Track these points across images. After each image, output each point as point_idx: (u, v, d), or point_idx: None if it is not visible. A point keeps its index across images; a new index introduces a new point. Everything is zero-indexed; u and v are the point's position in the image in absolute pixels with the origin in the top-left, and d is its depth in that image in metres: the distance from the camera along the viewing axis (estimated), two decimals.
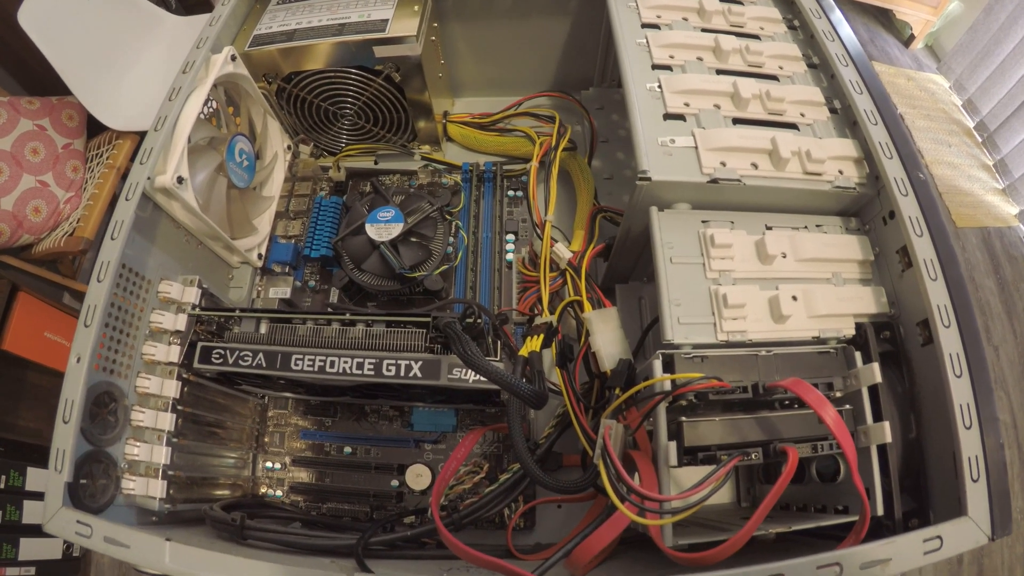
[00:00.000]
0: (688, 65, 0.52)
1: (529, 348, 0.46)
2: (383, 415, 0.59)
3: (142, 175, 0.49)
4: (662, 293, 0.42)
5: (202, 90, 0.53)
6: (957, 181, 1.81)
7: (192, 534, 0.48)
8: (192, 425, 0.51)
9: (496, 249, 0.63)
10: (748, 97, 0.49)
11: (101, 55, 1.18)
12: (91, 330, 0.44)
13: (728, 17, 0.56)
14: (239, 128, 0.63)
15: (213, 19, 0.59)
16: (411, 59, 0.59)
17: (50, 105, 1.18)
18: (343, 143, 0.70)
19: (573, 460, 0.54)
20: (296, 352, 0.46)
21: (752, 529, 0.34)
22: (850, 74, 0.51)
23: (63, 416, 0.43)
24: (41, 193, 1.13)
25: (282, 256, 0.64)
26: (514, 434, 0.40)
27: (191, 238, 0.56)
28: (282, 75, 0.62)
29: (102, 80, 1.17)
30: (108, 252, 0.46)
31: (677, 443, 0.37)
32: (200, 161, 0.55)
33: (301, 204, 0.69)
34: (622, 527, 0.37)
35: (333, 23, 0.59)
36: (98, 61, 1.17)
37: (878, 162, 0.45)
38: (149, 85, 1.22)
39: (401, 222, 0.57)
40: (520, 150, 0.68)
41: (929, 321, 0.40)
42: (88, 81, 1.13)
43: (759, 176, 0.46)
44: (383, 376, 0.44)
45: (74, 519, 0.39)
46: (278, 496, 0.59)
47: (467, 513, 0.46)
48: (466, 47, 0.71)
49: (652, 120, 0.48)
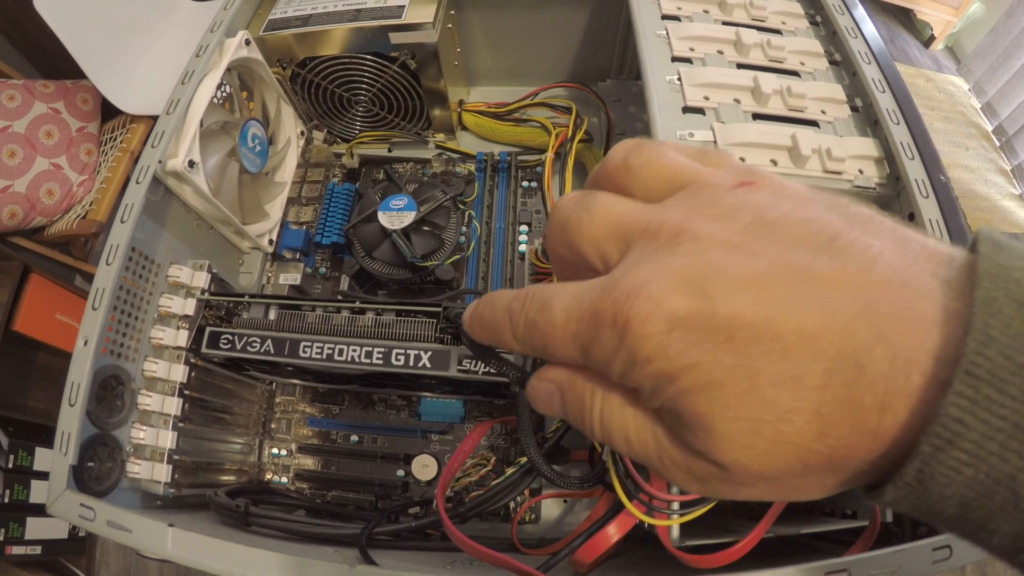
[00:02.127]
0: (708, 58, 0.51)
1: None
2: (391, 404, 0.59)
3: (153, 158, 0.49)
4: None
5: (215, 74, 0.53)
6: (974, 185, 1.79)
7: (196, 519, 0.48)
8: (199, 410, 0.51)
9: (509, 240, 0.63)
10: (769, 92, 0.48)
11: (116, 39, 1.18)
12: (99, 313, 0.44)
13: (750, 11, 0.55)
14: (252, 113, 0.63)
15: (228, 3, 0.58)
16: (427, 46, 0.58)
17: (64, 88, 1.19)
18: (357, 130, 0.69)
19: (581, 455, 0.53)
20: (305, 339, 0.45)
21: (761, 533, 0.33)
22: (872, 72, 0.50)
23: (69, 399, 0.42)
24: (54, 176, 1.13)
25: (293, 242, 0.63)
26: (523, 428, 0.39)
27: (202, 223, 0.56)
28: (296, 60, 0.62)
29: (116, 64, 1.17)
30: (118, 235, 0.46)
31: None
32: (212, 145, 0.54)
33: (313, 190, 0.69)
34: (629, 526, 0.37)
35: (349, 8, 0.58)
36: (113, 45, 1.17)
37: (899, 162, 0.44)
38: (163, 69, 1.22)
39: (414, 210, 0.56)
40: (536, 141, 0.68)
41: None
42: (102, 65, 1.13)
43: (778, 173, 0.45)
44: (392, 365, 0.43)
45: (78, 502, 0.39)
46: (283, 483, 0.59)
47: (472, 505, 0.46)
48: (483, 36, 0.71)
49: (671, 113, 0.47)
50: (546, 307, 0.18)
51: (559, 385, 0.20)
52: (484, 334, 0.22)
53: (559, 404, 0.20)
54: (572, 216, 0.20)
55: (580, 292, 0.18)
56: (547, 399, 0.20)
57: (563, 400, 0.20)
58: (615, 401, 0.18)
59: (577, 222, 0.19)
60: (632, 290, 0.16)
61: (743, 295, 0.15)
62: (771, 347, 0.15)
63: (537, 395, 0.21)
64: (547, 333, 0.18)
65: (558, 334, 0.18)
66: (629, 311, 0.16)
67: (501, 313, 0.20)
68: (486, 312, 0.21)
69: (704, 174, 0.19)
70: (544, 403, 0.20)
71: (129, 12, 1.21)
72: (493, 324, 0.21)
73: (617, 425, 0.18)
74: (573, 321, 0.17)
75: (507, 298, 0.20)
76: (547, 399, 0.20)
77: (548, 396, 0.20)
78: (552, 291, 0.19)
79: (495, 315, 0.20)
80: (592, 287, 0.17)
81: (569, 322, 0.18)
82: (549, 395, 0.20)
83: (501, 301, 0.20)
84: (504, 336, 0.20)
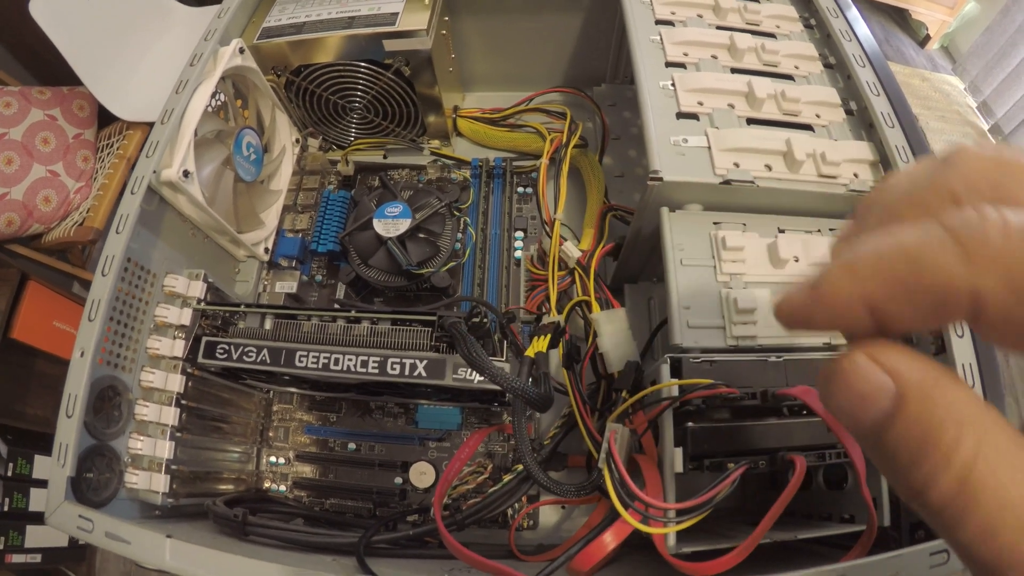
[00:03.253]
0: (702, 63, 0.51)
1: (536, 349, 0.45)
2: (388, 412, 0.59)
3: (148, 169, 0.49)
4: (671, 296, 0.42)
5: (209, 83, 0.53)
6: None
7: (195, 529, 0.48)
8: (196, 419, 0.51)
9: (505, 246, 0.63)
10: (763, 97, 0.48)
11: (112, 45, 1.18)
12: (95, 324, 0.44)
13: (744, 15, 0.55)
14: (247, 121, 0.63)
15: (222, 11, 0.58)
16: (421, 53, 0.58)
17: (61, 95, 1.19)
18: (352, 137, 0.70)
19: (578, 461, 0.53)
20: (300, 349, 0.46)
21: (757, 540, 0.33)
22: (867, 75, 0.50)
23: (66, 410, 0.43)
24: (51, 183, 1.13)
25: (289, 250, 0.63)
26: (519, 436, 0.39)
27: (197, 232, 0.56)
28: (291, 68, 0.62)
29: (113, 70, 1.17)
30: (113, 246, 0.46)
31: (683, 449, 0.37)
32: (207, 154, 0.54)
33: (309, 198, 0.69)
34: (626, 534, 0.37)
35: (343, 16, 0.58)
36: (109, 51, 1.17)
37: (894, 166, 0.45)
38: (160, 75, 1.22)
39: (409, 218, 0.56)
40: (531, 146, 0.68)
41: (942, 331, 0.39)
42: (99, 71, 1.13)
43: (773, 178, 0.45)
44: (387, 375, 0.43)
45: (76, 513, 0.40)
46: (282, 491, 0.59)
47: (470, 513, 0.46)
48: (477, 41, 0.71)
49: (665, 119, 0.47)
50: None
51: (907, 383, 0.13)
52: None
53: (880, 412, 0.13)
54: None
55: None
56: (866, 396, 0.13)
57: (899, 410, 0.13)
58: (1006, 444, 0.12)
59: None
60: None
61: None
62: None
63: (850, 383, 0.14)
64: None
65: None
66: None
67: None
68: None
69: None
70: (853, 399, 0.14)
71: (125, 18, 1.21)
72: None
73: (1003, 484, 0.12)
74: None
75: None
76: (866, 396, 0.13)
77: (872, 392, 0.13)
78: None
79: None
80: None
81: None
82: (874, 391, 0.13)
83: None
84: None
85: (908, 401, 0.13)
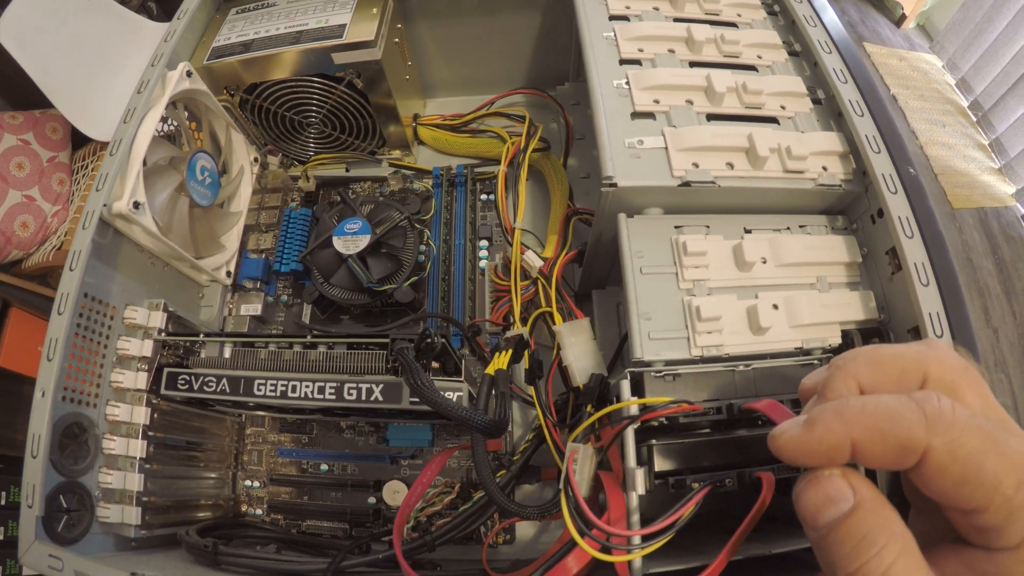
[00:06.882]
0: (659, 58, 0.49)
1: (496, 366, 0.44)
2: (359, 431, 0.58)
3: (98, 202, 0.48)
4: (631, 307, 0.40)
5: (157, 110, 0.51)
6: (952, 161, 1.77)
7: (168, 559, 0.48)
8: (166, 449, 0.51)
9: (469, 256, 0.61)
10: (723, 91, 0.46)
11: (82, 66, 1.16)
12: (54, 363, 0.43)
13: (703, 4, 0.53)
14: (201, 144, 0.61)
15: (168, 34, 0.56)
16: (372, 64, 0.57)
17: (33, 119, 1.17)
18: (311, 152, 0.68)
19: (552, 474, 0.52)
20: (259, 377, 0.45)
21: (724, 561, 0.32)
22: (834, 62, 0.48)
23: (31, 451, 0.42)
24: (28, 208, 1.12)
25: (252, 272, 0.62)
26: (478, 461, 0.38)
27: (156, 260, 0.55)
28: (244, 87, 0.60)
29: (84, 91, 1.15)
30: (67, 284, 0.46)
31: (648, 468, 0.35)
32: (159, 183, 0.53)
33: (272, 216, 0.67)
34: (588, 558, 0.35)
35: (290, 31, 0.57)
36: (79, 72, 1.15)
37: (865, 157, 0.42)
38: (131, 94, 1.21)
39: (368, 234, 0.55)
40: (493, 151, 0.66)
41: (920, 329, 0.37)
42: (69, 92, 1.11)
43: (735, 176, 0.43)
44: (344, 400, 0.42)
45: (46, 552, 0.40)
46: (258, 515, 0.58)
47: (440, 534, 0.45)
48: (435, 47, 0.69)
49: (619, 120, 0.45)
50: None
51: (863, 498, 0.18)
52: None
53: (838, 512, 0.18)
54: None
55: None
56: (822, 502, 0.19)
57: (851, 515, 0.18)
58: (918, 562, 0.17)
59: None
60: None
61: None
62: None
63: (824, 487, 0.19)
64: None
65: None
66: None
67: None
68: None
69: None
70: (814, 504, 0.19)
71: (95, 38, 1.19)
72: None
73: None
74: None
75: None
76: (822, 502, 0.19)
77: (836, 497, 0.19)
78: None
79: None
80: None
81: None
82: (839, 496, 0.19)
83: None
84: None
85: (859, 509, 0.18)
